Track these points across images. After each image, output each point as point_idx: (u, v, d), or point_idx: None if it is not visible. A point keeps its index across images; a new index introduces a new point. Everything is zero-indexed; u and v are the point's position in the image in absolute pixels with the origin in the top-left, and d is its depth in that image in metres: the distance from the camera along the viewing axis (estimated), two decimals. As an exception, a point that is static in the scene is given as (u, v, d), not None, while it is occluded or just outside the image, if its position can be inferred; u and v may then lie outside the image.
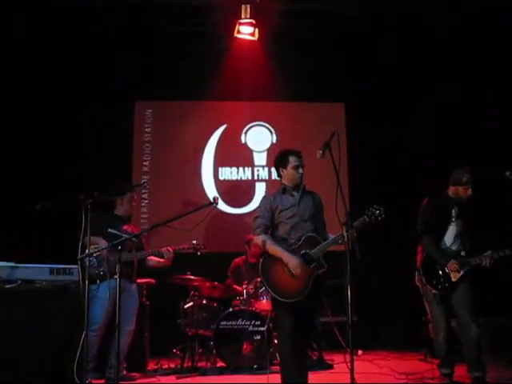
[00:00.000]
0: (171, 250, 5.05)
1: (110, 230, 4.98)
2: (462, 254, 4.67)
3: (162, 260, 5.10)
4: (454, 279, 4.60)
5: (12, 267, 3.59)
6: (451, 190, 4.83)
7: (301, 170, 4.18)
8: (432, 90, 7.55)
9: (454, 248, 4.73)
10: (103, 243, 4.79)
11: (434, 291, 4.67)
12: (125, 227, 5.16)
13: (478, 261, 4.60)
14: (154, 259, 5.16)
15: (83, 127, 7.10)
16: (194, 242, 5.17)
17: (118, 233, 4.95)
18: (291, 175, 4.19)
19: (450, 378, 4.67)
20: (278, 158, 4.28)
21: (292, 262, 3.94)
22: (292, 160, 4.18)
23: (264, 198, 4.31)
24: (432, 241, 4.75)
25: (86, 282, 4.03)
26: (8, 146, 6.73)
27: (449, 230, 4.77)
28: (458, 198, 4.80)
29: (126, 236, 4.91)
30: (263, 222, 4.13)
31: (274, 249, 4.02)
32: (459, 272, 4.59)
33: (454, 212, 4.78)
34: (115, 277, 3.95)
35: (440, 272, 4.64)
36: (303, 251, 4.01)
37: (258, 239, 4.11)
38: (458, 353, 4.82)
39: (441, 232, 4.77)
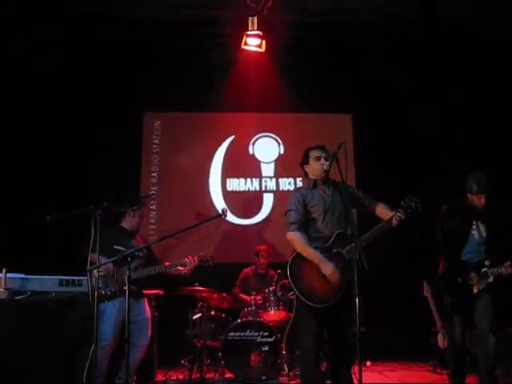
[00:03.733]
0: (196, 259, 4.86)
1: (115, 246, 4.66)
2: (486, 263, 4.48)
3: (182, 268, 4.90)
4: (475, 291, 4.44)
5: (22, 278, 3.59)
6: (468, 197, 4.62)
7: (323, 161, 3.94)
8: (439, 99, 7.55)
9: (476, 258, 4.53)
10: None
11: (452, 299, 4.54)
12: (133, 242, 4.92)
13: (498, 272, 4.44)
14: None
15: (91, 138, 7.12)
16: (201, 254, 4.96)
17: (124, 249, 4.56)
18: (313, 168, 4.02)
19: (461, 387, 4.57)
20: (302, 158, 4.13)
21: (327, 268, 3.70)
22: (312, 153, 4.04)
23: (296, 190, 4.05)
24: (452, 251, 4.56)
25: (96, 298, 3.91)
26: (16, 155, 6.78)
27: (470, 238, 4.56)
28: (475, 204, 4.58)
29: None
30: (298, 218, 3.86)
31: (308, 252, 3.76)
32: (479, 285, 4.43)
33: (475, 219, 4.59)
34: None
35: (461, 282, 4.46)
36: (335, 250, 3.81)
37: (293, 236, 3.83)
38: (468, 364, 4.75)
39: (462, 241, 4.55)
